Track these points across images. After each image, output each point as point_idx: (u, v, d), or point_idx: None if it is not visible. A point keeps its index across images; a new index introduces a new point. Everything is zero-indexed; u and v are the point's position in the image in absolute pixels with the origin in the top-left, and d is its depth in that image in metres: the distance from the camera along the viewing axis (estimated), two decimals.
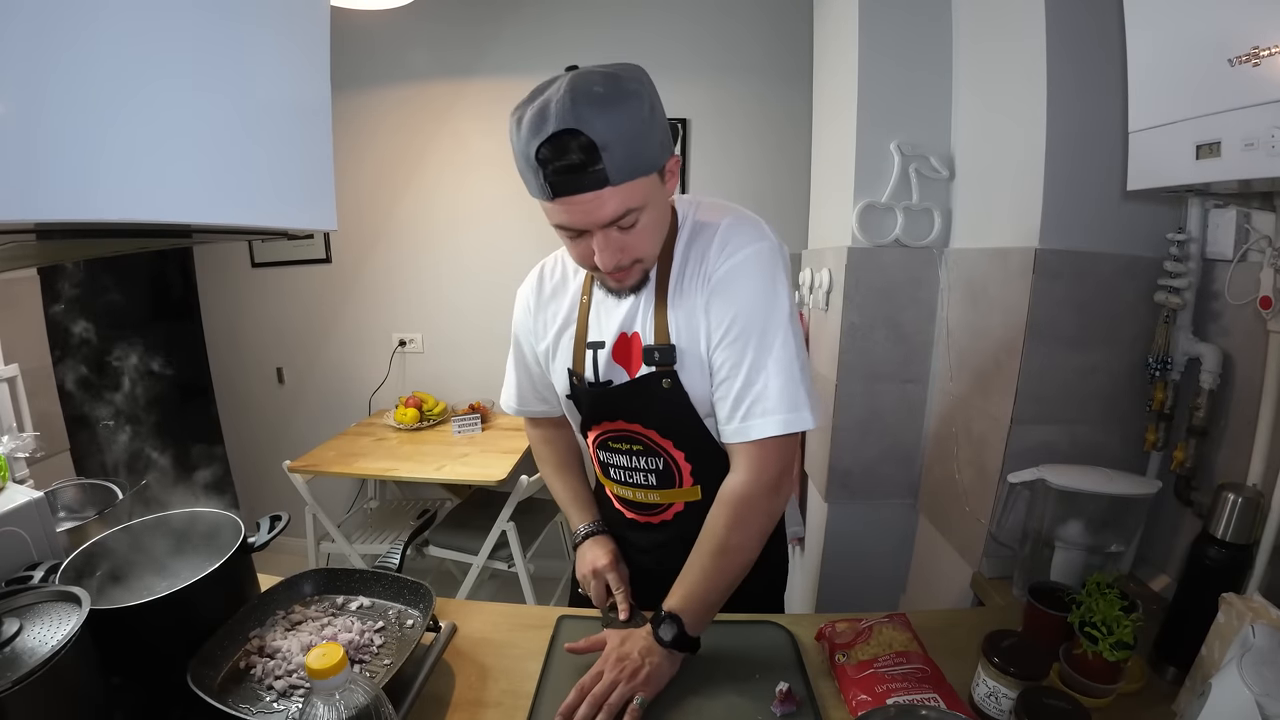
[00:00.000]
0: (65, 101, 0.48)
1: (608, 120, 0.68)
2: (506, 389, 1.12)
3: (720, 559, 0.84)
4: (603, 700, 0.76)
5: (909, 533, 1.67)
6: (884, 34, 1.44)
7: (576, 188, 0.71)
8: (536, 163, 0.70)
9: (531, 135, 0.69)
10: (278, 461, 2.11)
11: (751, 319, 0.82)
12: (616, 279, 0.84)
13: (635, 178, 0.73)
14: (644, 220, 0.77)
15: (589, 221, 0.75)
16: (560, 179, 0.70)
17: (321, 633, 0.84)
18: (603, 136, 0.68)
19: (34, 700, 0.57)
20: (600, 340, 0.92)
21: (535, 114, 0.69)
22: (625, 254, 0.79)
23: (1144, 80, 0.78)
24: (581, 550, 1.04)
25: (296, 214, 0.75)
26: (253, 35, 0.65)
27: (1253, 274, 0.95)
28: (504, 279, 2.60)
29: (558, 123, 0.67)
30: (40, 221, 0.52)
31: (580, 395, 0.95)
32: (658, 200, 0.79)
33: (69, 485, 1.15)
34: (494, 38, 2.44)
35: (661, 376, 0.87)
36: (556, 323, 0.97)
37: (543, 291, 1.00)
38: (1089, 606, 0.79)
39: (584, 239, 0.78)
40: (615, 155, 0.69)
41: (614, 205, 0.73)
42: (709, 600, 0.84)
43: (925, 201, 1.47)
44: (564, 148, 0.68)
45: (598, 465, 1.02)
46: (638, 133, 0.71)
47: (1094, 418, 1.22)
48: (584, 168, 0.69)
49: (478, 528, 2.16)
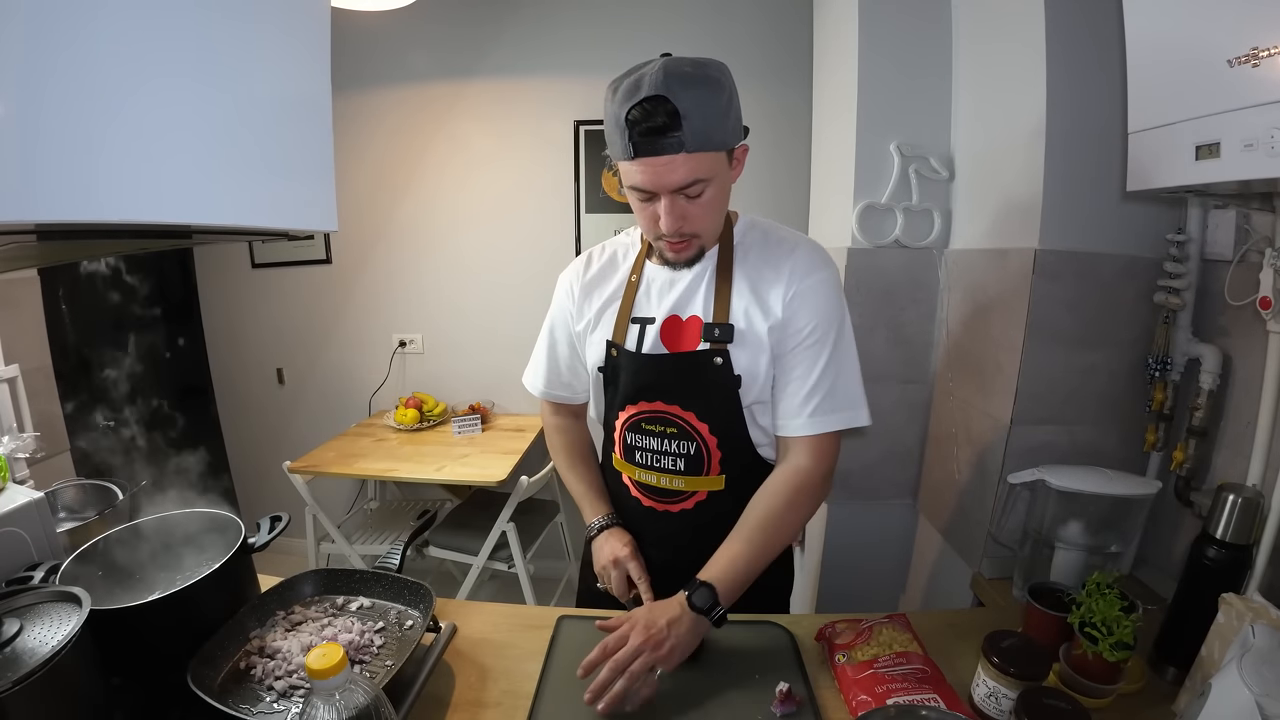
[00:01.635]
0: (65, 102, 0.48)
1: (692, 95, 0.78)
2: (533, 370, 1.15)
3: (767, 533, 0.91)
4: (625, 666, 0.77)
5: (909, 533, 1.67)
6: (884, 35, 1.44)
7: (656, 150, 0.80)
8: (626, 124, 0.80)
9: (626, 99, 0.79)
10: (278, 462, 2.11)
11: (829, 328, 0.93)
12: (675, 249, 0.91)
13: (707, 150, 0.81)
14: (709, 194, 0.85)
15: (661, 184, 0.83)
16: (643, 140, 0.80)
17: (321, 633, 0.84)
18: (685, 107, 0.78)
19: (34, 700, 0.57)
20: (650, 316, 0.98)
21: (631, 83, 0.80)
22: (687, 223, 0.87)
23: (1143, 81, 0.78)
24: (598, 543, 1.04)
25: (297, 214, 0.75)
26: (253, 35, 0.65)
27: (1252, 274, 0.95)
28: (504, 280, 2.63)
29: (650, 89, 0.78)
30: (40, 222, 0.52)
31: (621, 366, 0.98)
32: (723, 179, 0.87)
33: (69, 485, 1.15)
34: (494, 39, 2.44)
35: (715, 354, 0.92)
36: (601, 299, 1.03)
37: (589, 273, 1.06)
38: (1089, 607, 0.79)
39: (652, 203, 0.86)
40: (694, 124, 0.79)
41: (684, 171, 0.81)
42: (747, 572, 0.88)
43: (925, 202, 1.47)
44: (651, 111, 0.78)
45: (621, 449, 1.03)
46: (715, 111, 0.81)
47: (1094, 418, 1.22)
48: (665, 131, 0.79)
49: (478, 528, 2.16)
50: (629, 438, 1.01)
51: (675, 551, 0.99)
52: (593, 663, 0.79)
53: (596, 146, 2.46)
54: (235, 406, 2.94)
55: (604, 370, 1.01)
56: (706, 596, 0.84)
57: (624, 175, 0.86)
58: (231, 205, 0.65)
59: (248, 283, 2.78)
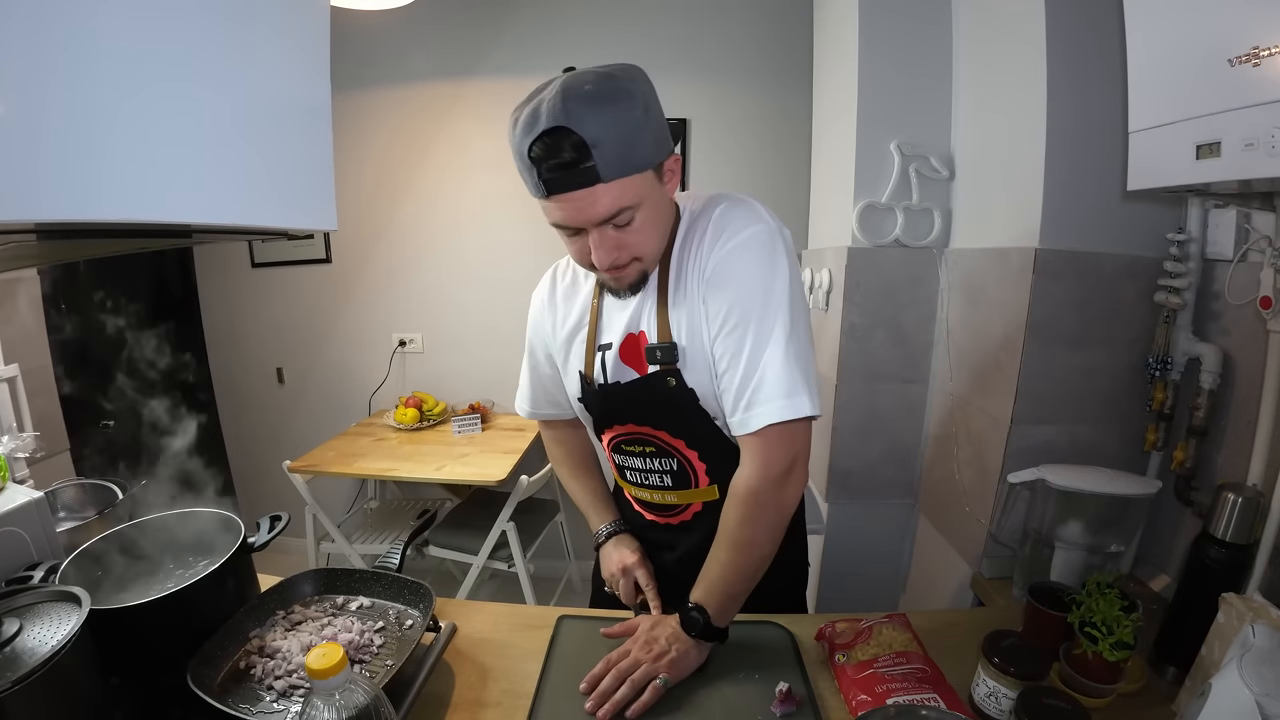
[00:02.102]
0: (65, 101, 0.48)
1: (598, 118, 0.69)
2: (520, 393, 1.12)
3: (734, 553, 0.85)
4: (627, 675, 0.79)
5: (909, 533, 1.67)
6: (884, 35, 1.44)
7: (569, 185, 0.72)
8: (530, 161, 0.72)
9: (525, 134, 0.71)
10: (278, 461, 2.11)
11: (749, 306, 0.79)
12: (614, 277, 0.84)
13: (628, 174, 0.73)
14: (640, 218, 0.77)
15: (583, 219, 0.75)
16: (553, 176, 0.72)
17: (321, 633, 0.84)
18: (593, 134, 0.69)
19: (34, 700, 0.57)
20: (608, 342, 0.91)
21: (529, 113, 0.71)
22: (623, 252, 0.79)
23: (1144, 80, 0.78)
24: (605, 551, 1.03)
25: (296, 214, 0.75)
26: (253, 35, 0.65)
27: (1253, 274, 0.95)
28: (504, 279, 2.62)
29: (549, 120, 0.69)
30: (40, 221, 0.52)
31: (590, 398, 0.95)
32: (655, 198, 0.79)
33: (69, 485, 1.15)
34: (494, 39, 2.44)
35: (665, 375, 0.86)
36: (568, 325, 0.97)
37: (555, 294, 1.00)
38: (1089, 606, 0.79)
39: (581, 237, 0.79)
40: (606, 152, 0.70)
41: (607, 202, 0.74)
42: (731, 592, 0.86)
43: (925, 202, 1.47)
44: (556, 146, 0.70)
45: (614, 468, 1.02)
46: (630, 130, 0.72)
47: (1094, 418, 1.22)
48: (575, 165, 0.70)
49: (478, 528, 2.16)
50: (616, 458, 0.99)
51: (682, 560, 0.98)
52: (596, 676, 0.80)
53: None
54: (235, 406, 2.94)
55: (583, 400, 0.97)
56: (697, 620, 0.84)
57: (545, 212, 0.78)
58: (231, 205, 0.65)
59: (248, 282, 2.78)
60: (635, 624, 0.90)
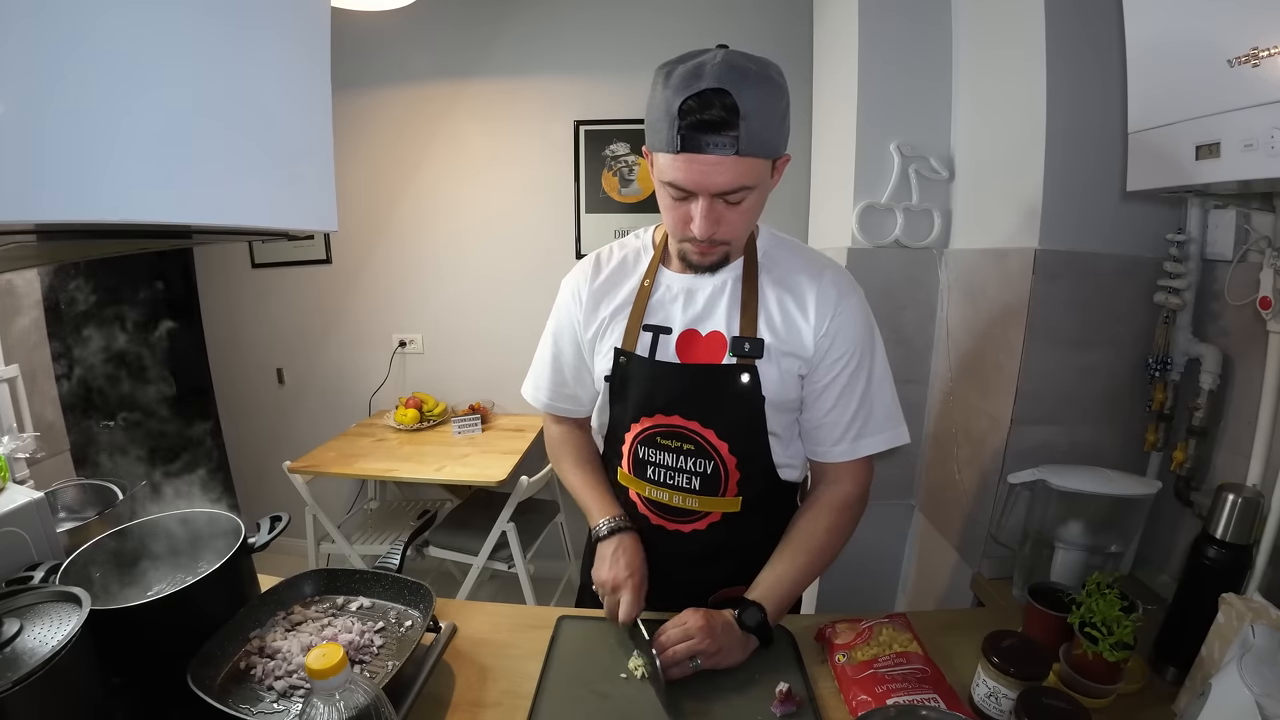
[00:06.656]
0: (65, 101, 0.48)
1: (755, 93, 0.72)
2: (534, 382, 1.09)
3: (813, 557, 0.92)
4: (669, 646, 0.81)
5: (909, 533, 1.67)
6: (884, 36, 1.44)
7: (706, 146, 0.74)
8: (678, 113, 0.73)
9: (682, 86, 0.73)
10: (278, 462, 2.11)
11: (864, 354, 0.92)
12: (702, 251, 0.86)
13: (758, 155, 0.76)
14: (749, 201, 0.80)
15: (703, 184, 0.77)
16: (693, 133, 0.73)
17: (322, 633, 0.84)
18: (747, 106, 0.72)
19: (34, 700, 0.57)
20: (666, 325, 0.93)
21: (689, 70, 0.73)
22: (721, 229, 0.81)
23: (1143, 81, 0.78)
24: (601, 551, 0.96)
25: (297, 214, 0.75)
26: (253, 35, 0.65)
27: (1252, 274, 0.95)
28: (504, 280, 2.63)
29: (712, 80, 0.71)
30: (40, 222, 0.52)
31: (632, 375, 0.93)
32: (764, 188, 0.82)
33: (69, 485, 1.15)
34: (494, 39, 2.44)
35: (742, 370, 0.88)
36: (611, 306, 0.97)
37: (598, 277, 0.99)
38: (1089, 607, 0.79)
39: (686, 203, 0.80)
40: (752, 126, 0.73)
41: (732, 175, 0.75)
42: (792, 594, 0.90)
43: (925, 202, 1.47)
44: (709, 103, 0.72)
45: (630, 463, 0.98)
46: (775, 116, 0.76)
47: (1094, 418, 1.22)
48: (721, 127, 0.73)
49: (478, 528, 2.16)
50: (641, 452, 0.95)
51: (680, 570, 0.96)
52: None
53: (596, 147, 2.46)
54: (235, 406, 2.94)
55: (611, 380, 0.95)
56: (756, 615, 0.85)
57: (661, 169, 0.79)
58: (231, 205, 0.65)
59: (248, 283, 2.78)
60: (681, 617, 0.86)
